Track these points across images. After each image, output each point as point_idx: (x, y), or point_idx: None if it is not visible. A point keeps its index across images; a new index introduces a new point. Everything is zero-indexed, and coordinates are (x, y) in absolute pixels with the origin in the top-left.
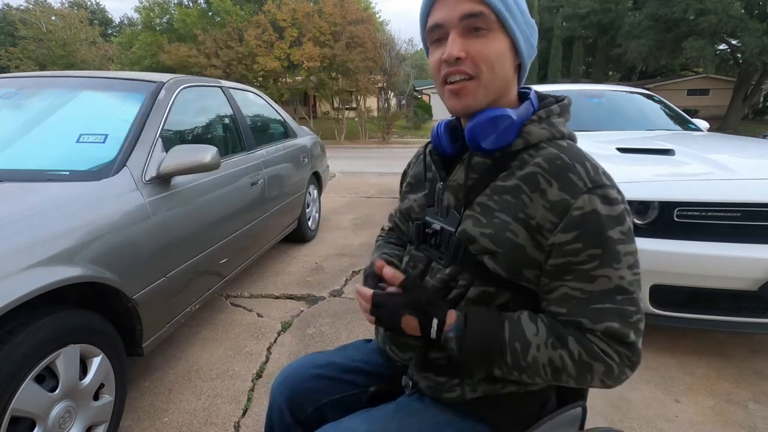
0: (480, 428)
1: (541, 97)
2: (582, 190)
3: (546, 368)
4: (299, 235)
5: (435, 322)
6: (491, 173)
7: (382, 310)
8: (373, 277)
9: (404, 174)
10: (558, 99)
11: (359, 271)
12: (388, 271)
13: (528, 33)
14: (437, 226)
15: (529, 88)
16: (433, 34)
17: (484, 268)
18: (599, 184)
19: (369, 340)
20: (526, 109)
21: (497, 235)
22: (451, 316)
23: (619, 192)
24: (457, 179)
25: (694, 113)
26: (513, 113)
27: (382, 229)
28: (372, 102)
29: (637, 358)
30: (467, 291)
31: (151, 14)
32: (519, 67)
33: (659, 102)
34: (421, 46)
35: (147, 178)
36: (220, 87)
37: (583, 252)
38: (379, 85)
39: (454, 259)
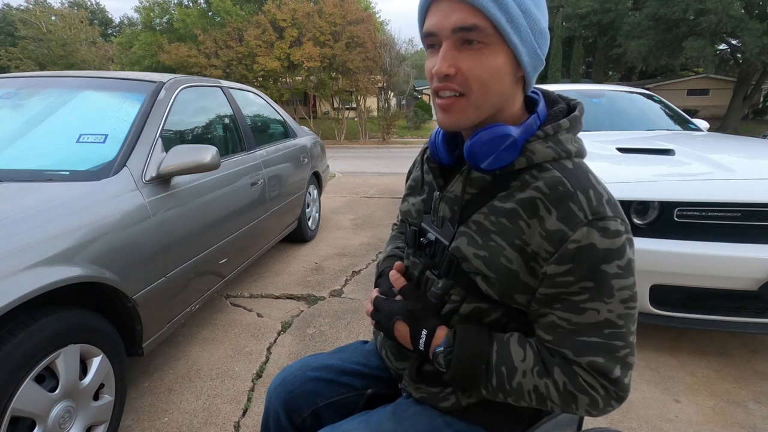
0: (478, 431)
1: (550, 102)
2: (581, 222)
3: (531, 394)
4: (299, 235)
5: (424, 332)
6: (490, 191)
7: (379, 313)
8: (387, 278)
9: (409, 172)
10: (569, 106)
11: (359, 271)
12: (393, 274)
13: (535, 43)
14: (432, 236)
15: (538, 93)
16: (428, 40)
17: (477, 285)
18: (600, 216)
19: (366, 342)
20: (532, 123)
21: (491, 259)
22: (442, 330)
23: (623, 222)
24: (455, 191)
25: (694, 113)
26: (515, 131)
27: (397, 219)
28: (372, 102)
29: (624, 393)
30: (460, 306)
31: (151, 14)
32: (524, 77)
33: (659, 102)
34: (421, 45)
35: (147, 178)
36: (220, 87)
37: (575, 285)
38: (379, 85)
39: (447, 273)
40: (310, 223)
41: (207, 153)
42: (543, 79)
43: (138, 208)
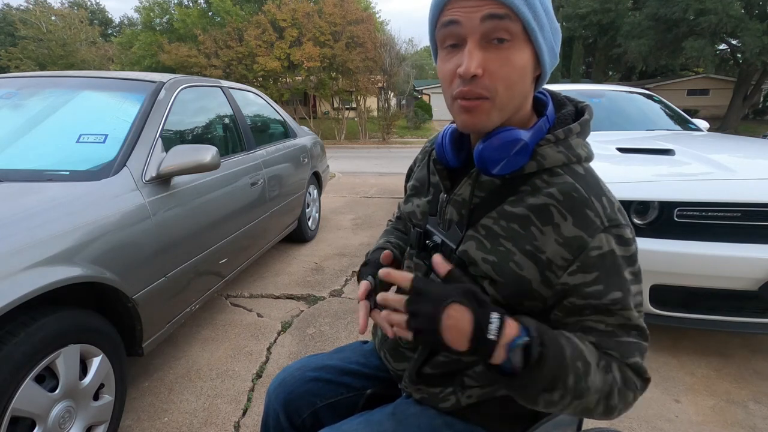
0: (477, 431)
1: (558, 103)
2: (599, 228)
3: (596, 394)
4: (299, 235)
5: (496, 317)
6: (499, 195)
7: (423, 299)
8: (374, 266)
9: (410, 171)
10: (578, 109)
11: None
12: (437, 258)
13: (553, 41)
14: (438, 239)
15: (546, 94)
16: (447, 31)
17: (483, 289)
18: (616, 223)
19: (366, 342)
20: (541, 127)
21: (500, 264)
22: (512, 319)
23: (632, 230)
24: (462, 194)
25: (694, 113)
26: (526, 135)
27: (393, 215)
28: (372, 102)
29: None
30: None
31: (151, 14)
32: (538, 77)
33: (659, 102)
34: (421, 45)
35: (147, 178)
36: (220, 87)
37: (606, 296)
38: (379, 85)
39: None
40: (310, 223)
41: (207, 153)
42: None
43: (138, 208)
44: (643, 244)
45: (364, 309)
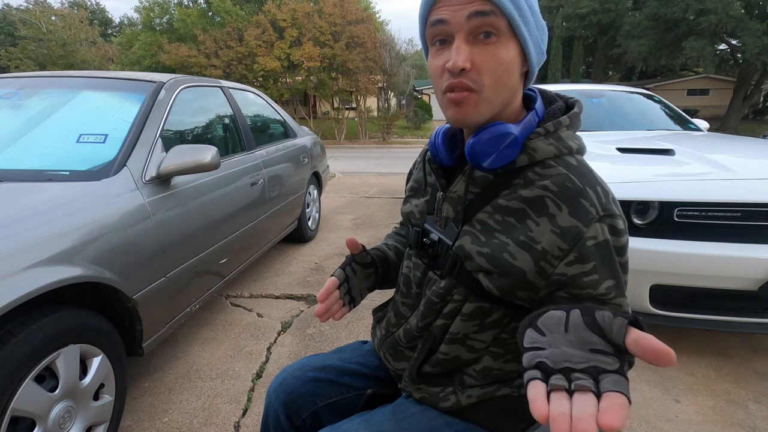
0: (478, 431)
1: (548, 99)
2: (594, 218)
3: None
4: (299, 235)
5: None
6: (493, 189)
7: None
8: (348, 260)
9: (409, 173)
10: (567, 104)
11: None
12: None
13: (539, 38)
14: (435, 236)
15: (535, 91)
16: (435, 30)
17: (479, 284)
18: (610, 213)
19: (365, 342)
20: (531, 121)
21: (494, 255)
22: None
23: (624, 221)
24: (457, 191)
25: (694, 113)
26: (516, 129)
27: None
28: (372, 102)
29: None
30: (462, 306)
31: (151, 14)
32: (526, 74)
33: (659, 102)
34: (421, 45)
35: (147, 178)
36: (220, 87)
37: (602, 285)
38: (379, 85)
39: (450, 273)
40: (310, 223)
41: (207, 153)
42: (543, 79)
43: (138, 208)
44: (643, 244)
45: (329, 302)
